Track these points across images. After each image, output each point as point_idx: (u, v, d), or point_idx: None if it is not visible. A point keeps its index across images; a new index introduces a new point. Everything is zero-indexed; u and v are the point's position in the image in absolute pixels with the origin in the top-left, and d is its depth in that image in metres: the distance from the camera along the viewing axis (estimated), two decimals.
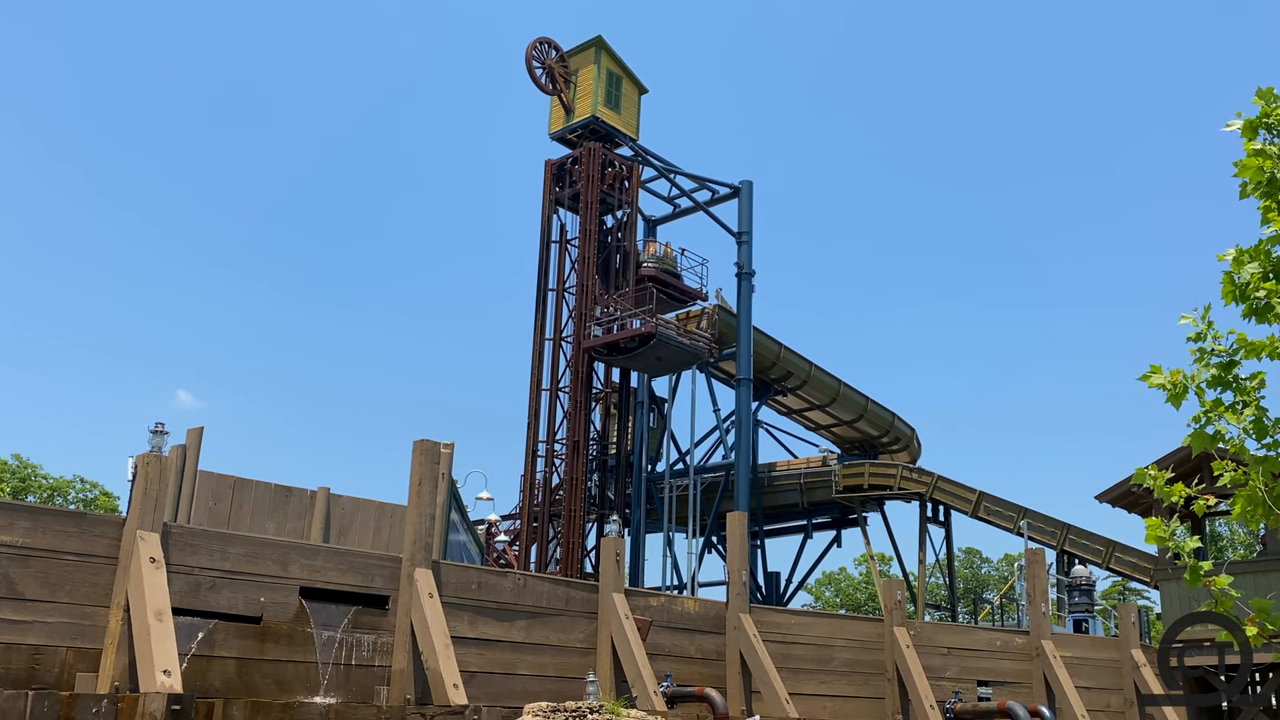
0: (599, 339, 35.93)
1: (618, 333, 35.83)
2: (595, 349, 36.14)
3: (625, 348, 35.95)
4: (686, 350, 36.54)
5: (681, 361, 37.55)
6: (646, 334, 35.16)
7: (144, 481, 11.12)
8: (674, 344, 35.90)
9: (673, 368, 38.93)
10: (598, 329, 36.11)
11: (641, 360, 36.75)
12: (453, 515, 21.36)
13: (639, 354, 35.99)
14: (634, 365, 37.59)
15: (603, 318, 36.47)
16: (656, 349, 35.61)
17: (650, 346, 35.44)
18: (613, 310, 36.51)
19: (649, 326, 35.23)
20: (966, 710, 17.50)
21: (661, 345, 35.51)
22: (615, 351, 36.34)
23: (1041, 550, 21.10)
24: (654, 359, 36.68)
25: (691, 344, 36.71)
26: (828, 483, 43.96)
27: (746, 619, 16.05)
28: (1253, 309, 5.75)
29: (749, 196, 41.63)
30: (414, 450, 13.24)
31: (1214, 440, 5.75)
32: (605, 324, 36.29)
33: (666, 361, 37.48)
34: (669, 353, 36.28)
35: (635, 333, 35.30)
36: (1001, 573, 74.34)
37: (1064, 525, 37.42)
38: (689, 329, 41.98)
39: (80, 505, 53.60)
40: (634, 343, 35.61)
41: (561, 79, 38.58)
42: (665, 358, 36.80)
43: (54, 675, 10.41)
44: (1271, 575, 21.81)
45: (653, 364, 37.53)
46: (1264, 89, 5.67)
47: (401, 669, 12.40)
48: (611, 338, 35.78)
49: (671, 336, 35.82)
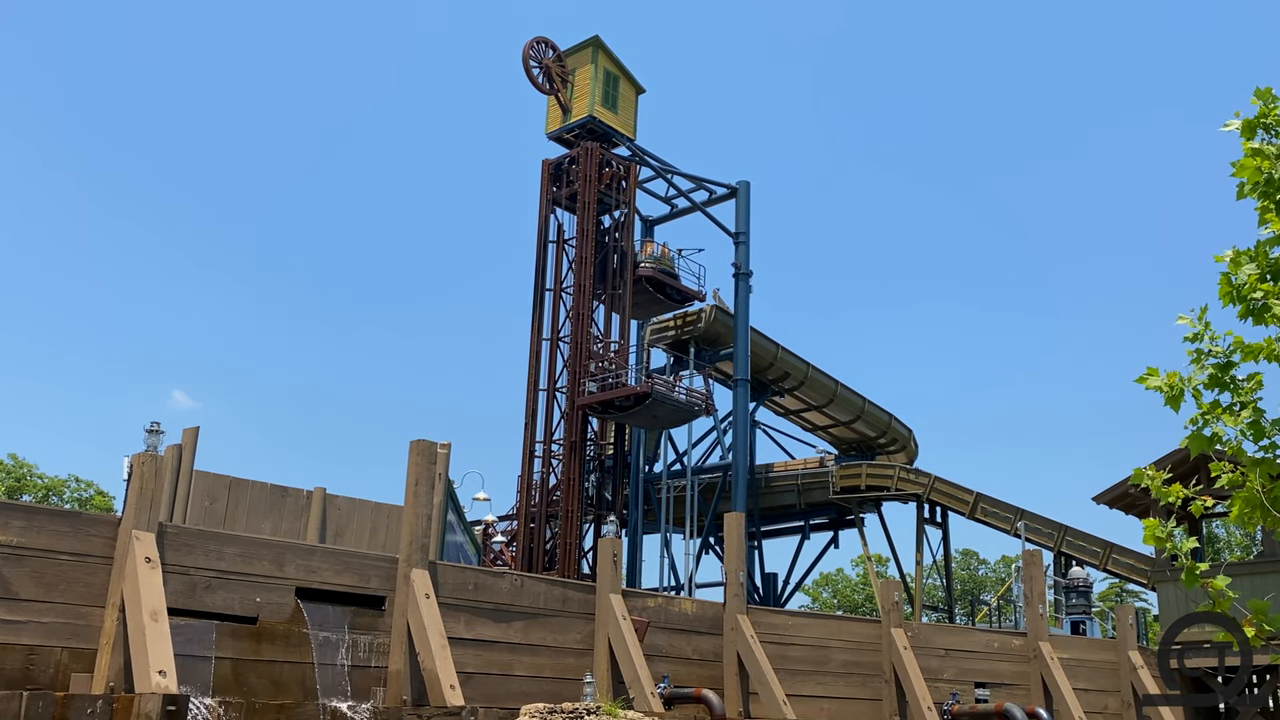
0: (594, 396, 34.97)
1: (612, 390, 34.96)
2: (590, 406, 35.19)
3: (620, 405, 35.18)
4: (683, 407, 36.03)
5: (678, 418, 37.10)
6: (642, 394, 34.41)
7: (139, 481, 11.09)
8: (670, 402, 35.36)
9: (669, 424, 38.41)
10: (592, 384, 35.18)
11: (637, 417, 36.12)
12: (449, 516, 21.34)
13: (635, 412, 35.30)
14: (630, 421, 37.02)
15: (598, 372, 35.46)
16: (652, 408, 35.03)
17: (646, 406, 34.79)
18: (608, 364, 35.56)
19: (644, 386, 34.50)
20: (964, 712, 17.50)
21: (658, 404, 34.92)
22: (610, 409, 35.59)
23: (1039, 552, 21.13)
24: (650, 417, 36.21)
25: (687, 401, 36.18)
26: (825, 484, 43.96)
27: (744, 620, 16.03)
28: (1249, 310, 5.72)
29: (746, 197, 41.62)
30: (410, 450, 13.22)
31: (1211, 442, 5.74)
32: (600, 379, 35.32)
33: (662, 419, 37.01)
34: (665, 411, 35.78)
35: (631, 391, 34.53)
36: (999, 574, 74.37)
37: (1061, 527, 37.43)
38: (686, 330, 42.01)
39: (76, 505, 53.54)
40: (629, 400, 34.88)
41: (559, 79, 38.57)
42: (661, 415, 36.33)
43: (49, 676, 10.38)
44: (1269, 577, 21.81)
45: (649, 420, 36.97)
46: (1262, 89, 5.65)
47: (398, 670, 12.38)
48: (607, 395, 34.92)
49: (667, 395, 35.19)
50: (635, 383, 35.25)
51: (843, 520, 46.55)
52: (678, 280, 39.82)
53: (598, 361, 35.98)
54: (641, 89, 40.63)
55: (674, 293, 39.74)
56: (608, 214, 38.81)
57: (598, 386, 35.26)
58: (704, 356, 42.49)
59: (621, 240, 38.37)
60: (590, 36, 39.13)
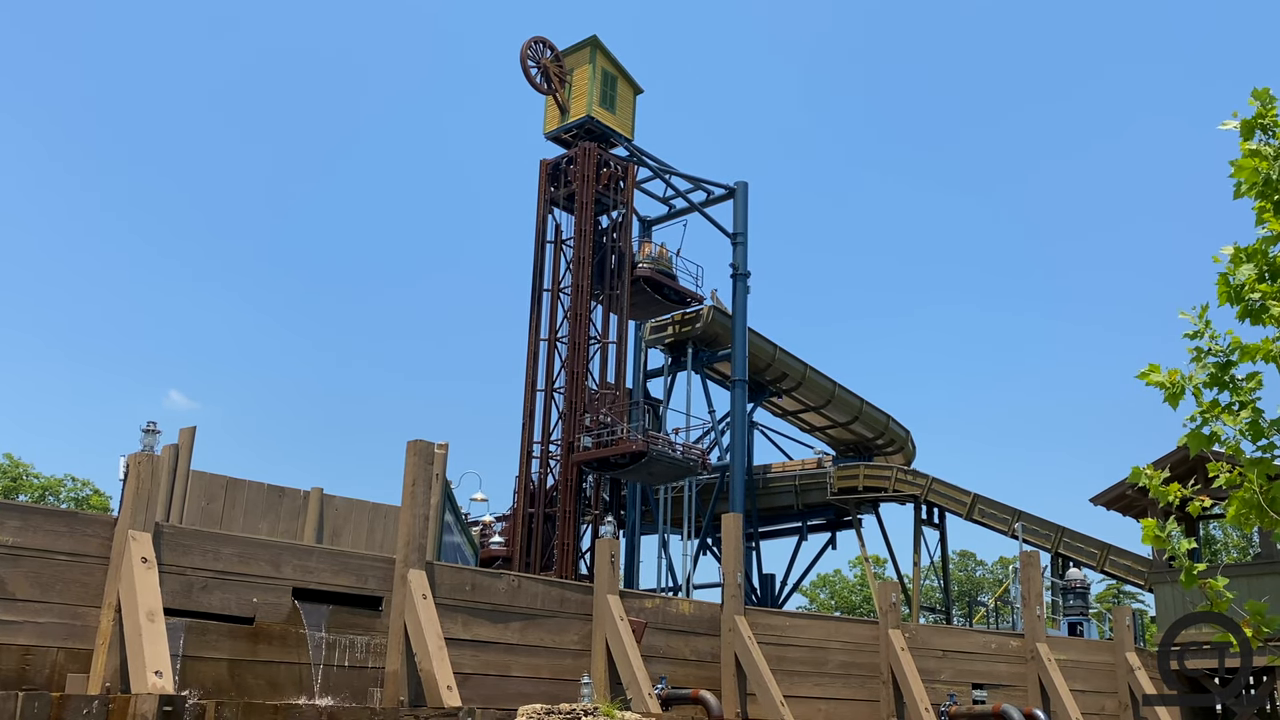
0: (589, 452, 34.44)
1: (609, 448, 34.42)
2: (585, 461, 34.70)
3: (617, 462, 34.68)
4: (680, 464, 35.75)
5: (675, 474, 36.86)
6: (638, 452, 34.00)
7: (136, 481, 11.06)
8: (667, 460, 35.06)
9: (666, 480, 38.16)
10: (588, 439, 34.71)
11: (634, 474, 35.77)
12: (447, 516, 21.31)
13: (631, 469, 34.93)
14: (626, 477, 36.64)
15: (593, 425, 34.94)
16: (649, 465, 34.72)
17: (642, 463, 34.47)
18: (602, 418, 35.01)
19: (639, 445, 34.04)
20: (961, 713, 17.49)
21: (654, 461, 34.58)
22: (606, 466, 35.13)
23: (1036, 553, 21.11)
24: (646, 473, 35.99)
25: (684, 458, 35.87)
26: (823, 485, 43.97)
27: (741, 621, 16.01)
28: (1248, 310, 5.70)
29: (744, 197, 41.59)
30: (408, 451, 13.20)
31: (1210, 441, 5.72)
32: (596, 433, 34.79)
33: (659, 475, 36.70)
34: (661, 468, 35.52)
35: (626, 449, 34.12)
36: (996, 575, 74.40)
37: (1058, 528, 37.43)
38: (684, 331, 41.98)
39: (72, 504, 53.48)
40: (625, 458, 34.40)
41: (556, 79, 38.53)
42: (658, 472, 36.08)
43: (45, 676, 10.35)
44: (1266, 578, 21.83)
45: (645, 476, 36.69)
46: (1260, 89, 5.61)
47: (395, 671, 12.36)
48: (602, 453, 34.41)
49: (664, 453, 34.79)
50: (632, 440, 34.50)
51: (840, 521, 46.57)
52: (676, 281, 39.79)
53: (594, 414, 35.22)
54: (639, 89, 40.60)
55: (672, 293, 39.71)
56: (605, 214, 38.79)
57: (593, 441, 34.68)
58: (702, 357, 42.48)
59: (619, 241, 38.35)
60: (588, 36, 39.10)
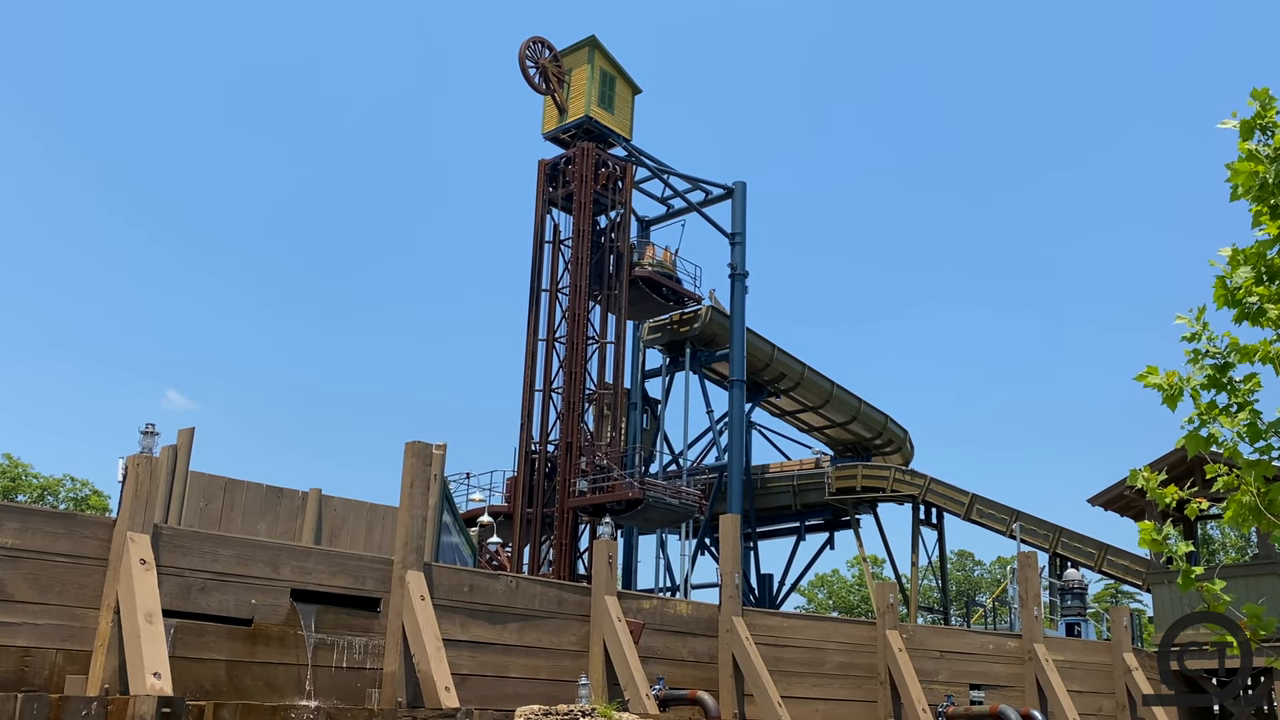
0: (584, 498, 33.94)
1: (604, 494, 34.09)
2: (580, 507, 34.22)
3: (612, 509, 34.28)
4: (677, 511, 35.54)
5: (672, 520, 36.66)
6: (634, 499, 33.75)
7: (134, 482, 11.05)
8: (663, 506, 34.84)
9: (663, 525, 38.02)
10: (583, 483, 34.27)
11: (631, 519, 35.54)
12: (445, 517, 21.31)
13: (628, 515, 34.56)
14: (623, 522, 36.19)
15: (589, 469, 34.52)
16: (645, 511, 34.50)
17: (639, 510, 34.20)
18: (599, 461, 34.65)
19: (636, 492, 33.81)
20: (959, 714, 17.51)
21: (650, 508, 34.34)
22: (601, 511, 34.67)
23: (1034, 553, 21.12)
24: (643, 519, 35.85)
25: (682, 505, 35.58)
26: (820, 485, 43.99)
27: (739, 622, 16.02)
28: (1245, 313, 5.70)
29: (742, 197, 41.60)
30: (406, 452, 13.20)
31: (1208, 443, 5.72)
32: (592, 478, 34.34)
33: (655, 521, 36.56)
34: (658, 514, 35.33)
35: (623, 496, 33.84)
36: (994, 575, 74.45)
37: (1056, 528, 37.45)
38: (682, 331, 41.99)
39: (71, 505, 53.44)
40: (621, 505, 34.10)
41: (555, 78, 38.51)
42: (654, 519, 35.95)
43: (43, 677, 10.35)
44: (1263, 580, 21.87)
45: (641, 522, 36.53)
46: (1258, 89, 5.60)
47: (393, 671, 12.36)
48: (598, 499, 34.08)
49: (662, 499, 34.53)
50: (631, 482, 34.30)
51: (838, 521, 46.59)
52: (674, 281, 39.82)
53: (588, 457, 34.91)
54: (638, 89, 40.60)
55: (670, 293, 39.73)
56: (604, 214, 38.78)
57: (589, 486, 34.35)
58: (700, 357, 42.50)
59: (618, 241, 38.35)
60: (587, 36, 39.09)
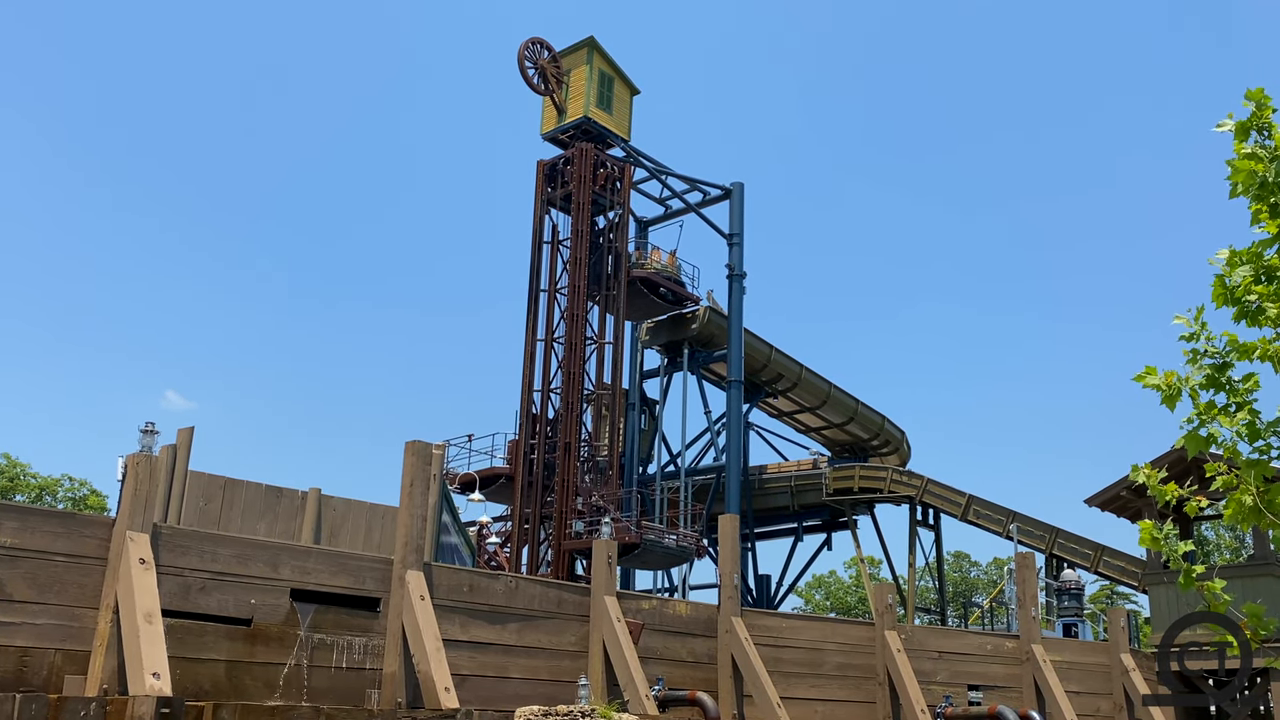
0: (581, 541, 33.76)
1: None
2: (576, 550, 34.18)
3: None
4: (673, 553, 35.70)
5: (670, 562, 36.76)
6: (631, 544, 33.78)
7: (134, 482, 11.05)
8: (660, 550, 35.00)
9: (661, 567, 38.21)
10: (579, 524, 34.22)
11: (628, 562, 35.85)
12: (444, 517, 21.30)
13: (625, 558, 34.60)
14: (620, 565, 36.70)
15: (586, 510, 34.61)
16: (642, 555, 34.70)
17: (636, 554, 34.38)
18: (594, 500, 34.75)
19: (633, 537, 33.91)
20: (957, 714, 17.51)
21: (647, 551, 34.52)
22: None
23: (1031, 554, 21.13)
24: (640, 562, 36.06)
25: (679, 548, 35.73)
26: (818, 485, 44.01)
27: (738, 622, 16.03)
28: (1244, 312, 5.71)
29: (740, 198, 41.63)
30: (405, 451, 13.20)
31: (1207, 443, 5.73)
32: (589, 519, 34.38)
33: (653, 563, 36.71)
34: (654, 557, 35.48)
35: (620, 540, 33.21)
36: (991, 576, 74.51)
37: (1053, 529, 37.49)
38: (680, 331, 41.99)
39: (70, 504, 53.41)
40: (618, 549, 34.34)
41: (554, 79, 38.53)
42: (651, 561, 36.09)
43: (42, 678, 10.34)
44: (1261, 580, 21.90)
45: (639, 564, 36.77)
46: (1253, 90, 5.61)
47: (392, 672, 12.35)
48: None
49: (658, 543, 34.68)
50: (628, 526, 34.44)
51: (836, 522, 46.62)
52: (672, 282, 39.85)
53: (584, 497, 34.98)
54: (636, 90, 40.62)
55: (668, 294, 39.75)
56: (602, 215, 38.80)
57: (585, 528, 34.32)
58: (698, 358, 42.52)
59: (616, 241, 38.37)
60: (585, 37, 39.13)
